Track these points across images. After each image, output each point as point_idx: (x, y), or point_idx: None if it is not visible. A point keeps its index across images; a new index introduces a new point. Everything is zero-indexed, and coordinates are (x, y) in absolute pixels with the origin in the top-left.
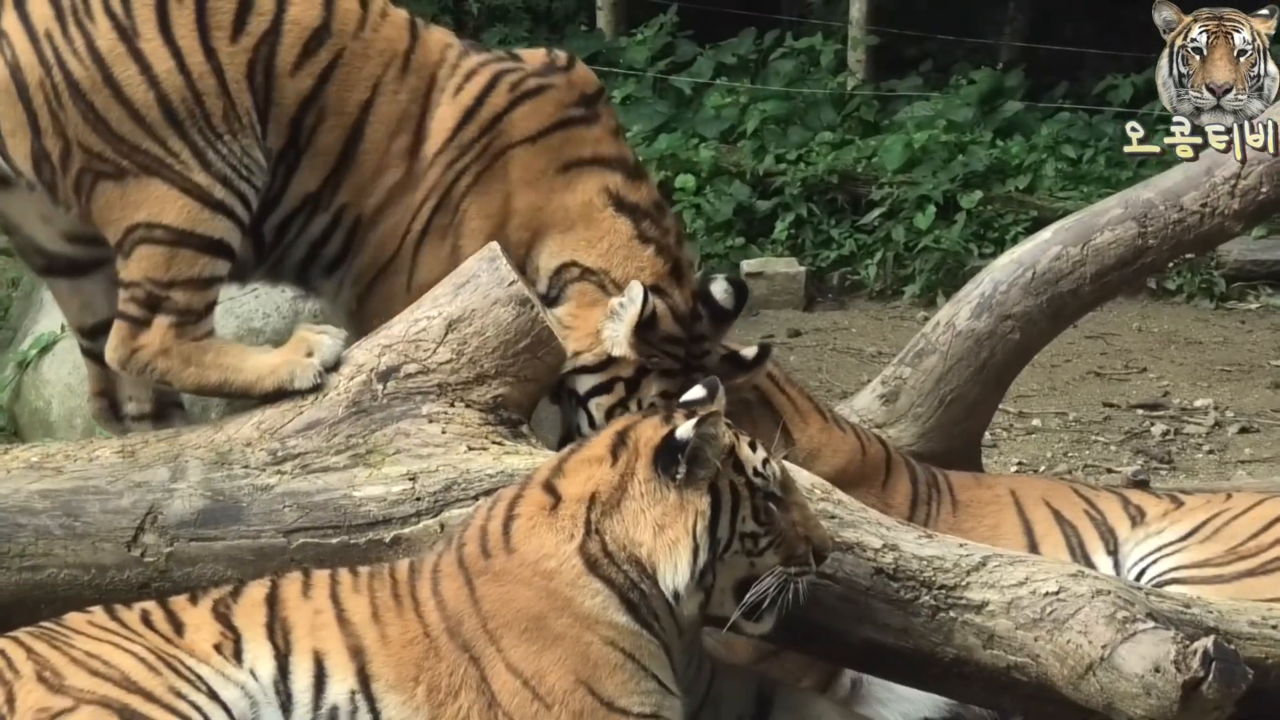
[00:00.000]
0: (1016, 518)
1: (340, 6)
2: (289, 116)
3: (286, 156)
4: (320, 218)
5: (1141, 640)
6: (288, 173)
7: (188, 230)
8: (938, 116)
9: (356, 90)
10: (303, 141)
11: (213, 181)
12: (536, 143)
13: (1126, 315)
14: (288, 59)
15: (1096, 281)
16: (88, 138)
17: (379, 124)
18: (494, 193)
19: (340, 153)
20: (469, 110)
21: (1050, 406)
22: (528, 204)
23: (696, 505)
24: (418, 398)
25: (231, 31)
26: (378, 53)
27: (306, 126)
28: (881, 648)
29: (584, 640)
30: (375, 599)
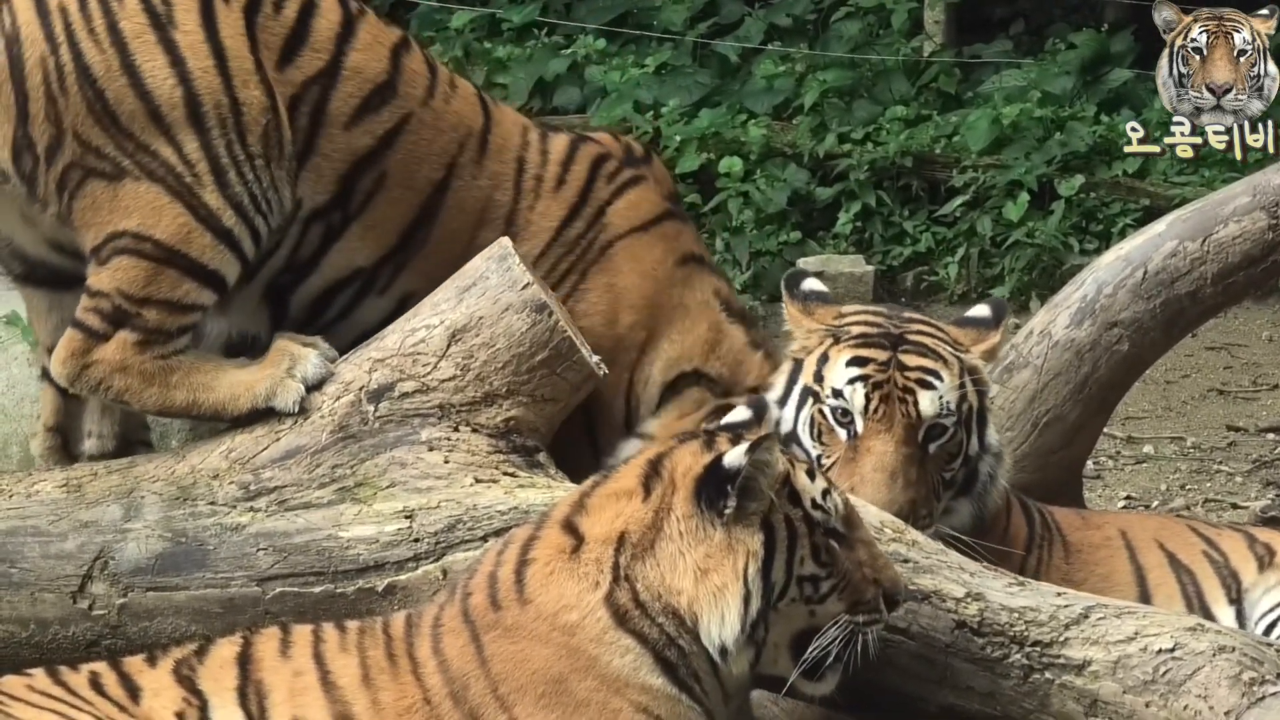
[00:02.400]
0: (1129, 564)
1: (407, 66)
2: (337, 173)
3: (328, 217)
4: (374, 300)
5: (1272, 705)
6: (327, 236)
7: (180, 250)
8: (1031, 87)
9: (427, 165)
10: (354, 206)
11: (224, 206)
12: (649, 231)
13: (1255, 322)
14: (343, 109)
15: (1219, 283)
16: (88, 129)
17: (457, 210)
18: (602, 288)
19: (405, 231)
20: (574, 206)
21: (1165, 430)
22: (643, 297)
23: (748, 545)
24: (415, 421)
25: (279, 56)
26: (450, 127)
27: (360, 190)
28: (964, 715)
29: (612, 707)
30: (366, 659)
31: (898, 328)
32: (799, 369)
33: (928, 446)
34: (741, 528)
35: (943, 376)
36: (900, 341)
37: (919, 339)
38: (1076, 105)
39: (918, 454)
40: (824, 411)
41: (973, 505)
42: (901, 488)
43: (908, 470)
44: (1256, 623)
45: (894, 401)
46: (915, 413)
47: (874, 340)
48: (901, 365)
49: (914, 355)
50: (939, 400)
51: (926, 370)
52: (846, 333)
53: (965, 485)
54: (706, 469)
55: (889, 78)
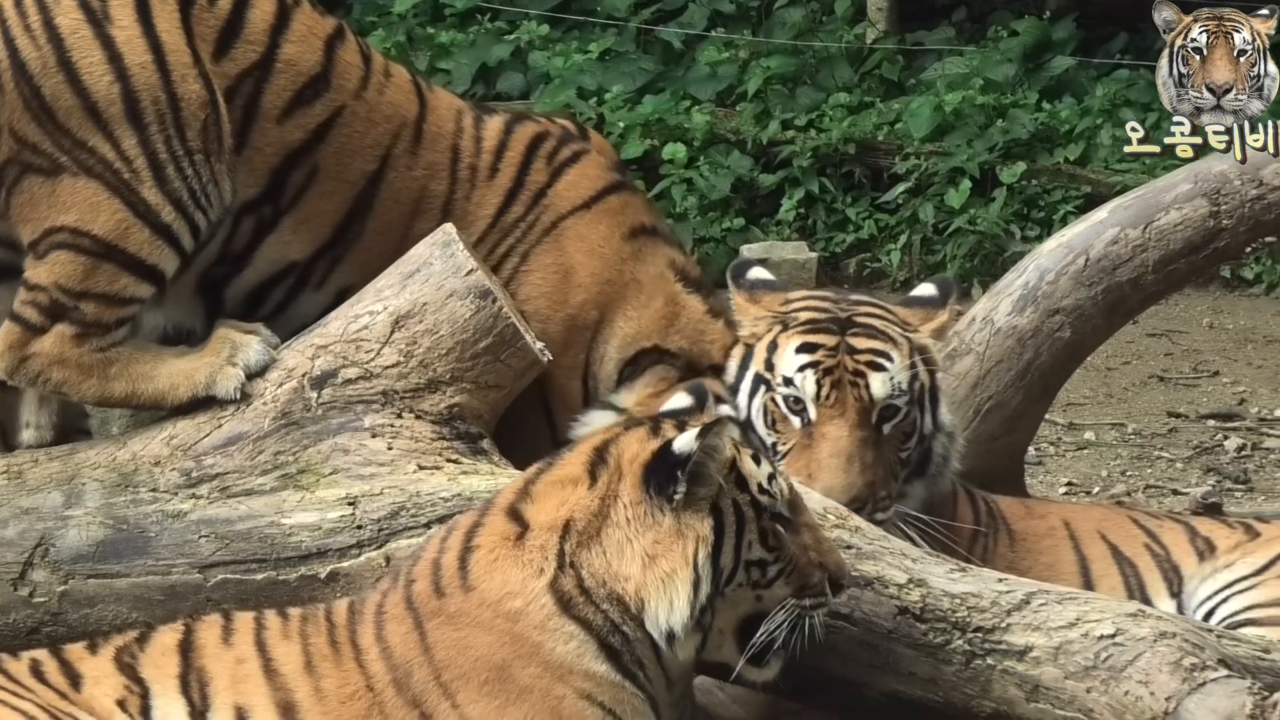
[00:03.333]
0: (1073, 554)
1: (341, 58)
2: (269, 166)
3: (259, 210)
4: (310, 295)
5: (1212, 691)
6: (259, 229)
7: (118, 245)
8: (973, 75)
9: (360, 158)
10: (285, 199)
11: (163, 201)
12: (592, 208)
13: (1196, 309)
14: (276, 102)
15: (1160, 269)
16: (24, 126)
17: (391, 202)
18: (546, 269)
19: (340, 225)
20: (510, 191)
21: (1106, 417)
22: (591, 276)
23: (698, 530)
24: (359, 407)
25: (214, 49)
26: (384, 118)
27: (292, 184)
28: (907, 701)
29: (555, 694)
30: (309, 646)
31: (845, 311)
32: (750, 354)
33: (882, 428)
34: (691, 513)
35: (893, 357)
36: (848, 325)
37: (867, 321)
38: (1018, 92)
39: (872, 437)
40: (776, 399)
41: (926, 487)
42: (858, 472)
43: (864, 454)
44: (1195, 610)
45: (845, 386)
46: (867, 396)
47: (822, 325)
48: (851, 349)
49: (863, 338)
50: (890, 381)
51: (876, 352)
52: (794, 319)
53: (919, 466)
54: (655, 454)
55: (832, 65)
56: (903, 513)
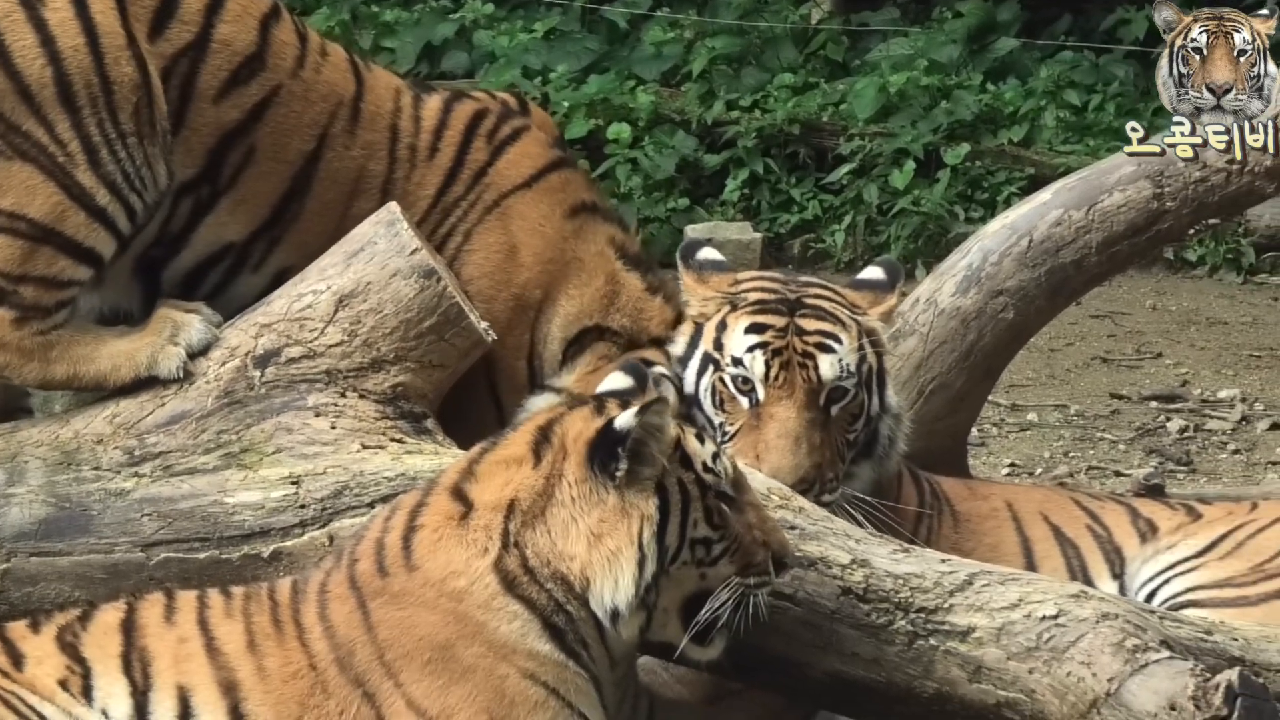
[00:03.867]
0: (1016, 535)
1: (276, 37)
2: (206, 147)
3: (197, 191)
4: (248, 277)
5: (1154, 672)
6: (197, 211)
7: (54, 229)
8: (918, 56)
9: (297, 138)
10: (222, 180)
11: (98, 185)
12: (533, 186)
13: (1139, 291)
14: (212, 82)
15: (1104, 251)
16: None
17: (329, 182)
18: (489, 249)
19: (277, 205)
20: (450, 170)
21: (1048, 398)
22: (534, 255)
23: (642, 509)
24: (302, 386)
25: (149, 30)
26: (320, 97)
27: (230, 164)
28: (849, 682)
29: (498, 673)
30: (251, 625)
31: (794, 292)
32: (699, 333)
33: (830, 410)
34: (635, 492)
35: (841, 339)
36: (797, 306)
37: (816, 303)
38: (963, 74)
39: (821, 418)
40: (725, 379)
41: (873, 468)
42: (806, 453)
43: (811, 435)
44: (1137, 592)
45: (794, 367)
46: (816, 377)
47: (771, 306)
48: (800, 330)
49: (812, 319)
50: (839, 363)
51: (825, 334)
52: (743, 299)
53: (866, 447)
54: (599, 433)
55: (777, 45)
56: (849, 494)
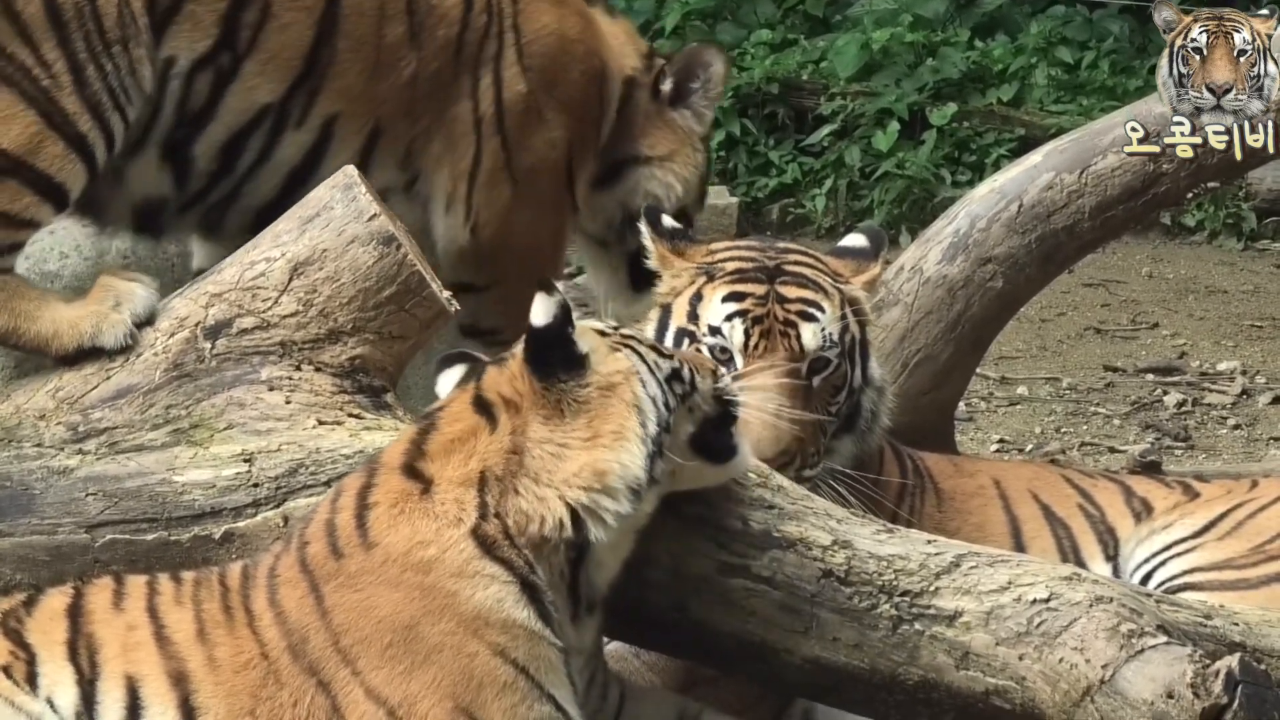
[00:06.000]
0: (1003, 514)
1: None
2: (217, 14)
3: (215, 62)
4: (293, 135)
5: (1151, 659)
6: (219, 81)
7: (27, 161)
8: (902, 11)
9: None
10: (241, 44)
11: (81, 109)
12: None
13: (1134, 258)
14: None
15: (1097, 216)
16: None
17: (355, 15)
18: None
19: (308, 54)
20: None
21: (1040, 371)
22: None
23: (620, 366)
24: (255, 359)
25: None
26: None
27: (246, 25)
28: (831, 668)
29: (467, 651)
30: (201, 612)
31: (773, 260)
32: (669, 313)
33: (812, 380)
34: (602, 370)
35: (824, 308)
36: (777, 274)
37: (796, 270)
38: (949, 30)
39: (803, 389)
40: (702, 351)
41: (855, 443)
42: (788, 424)
43: (794, 407)
44: (1132, 574)
45: (775, 336)
46: (798, 346)
47: (749, 275)
48: (781, 298)
49: (793, 287)
50: (821, 332)
51: (807, 302)
52: (720, 269)
53: (848, 421)
54: (530, 347)
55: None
56: (831, 469)
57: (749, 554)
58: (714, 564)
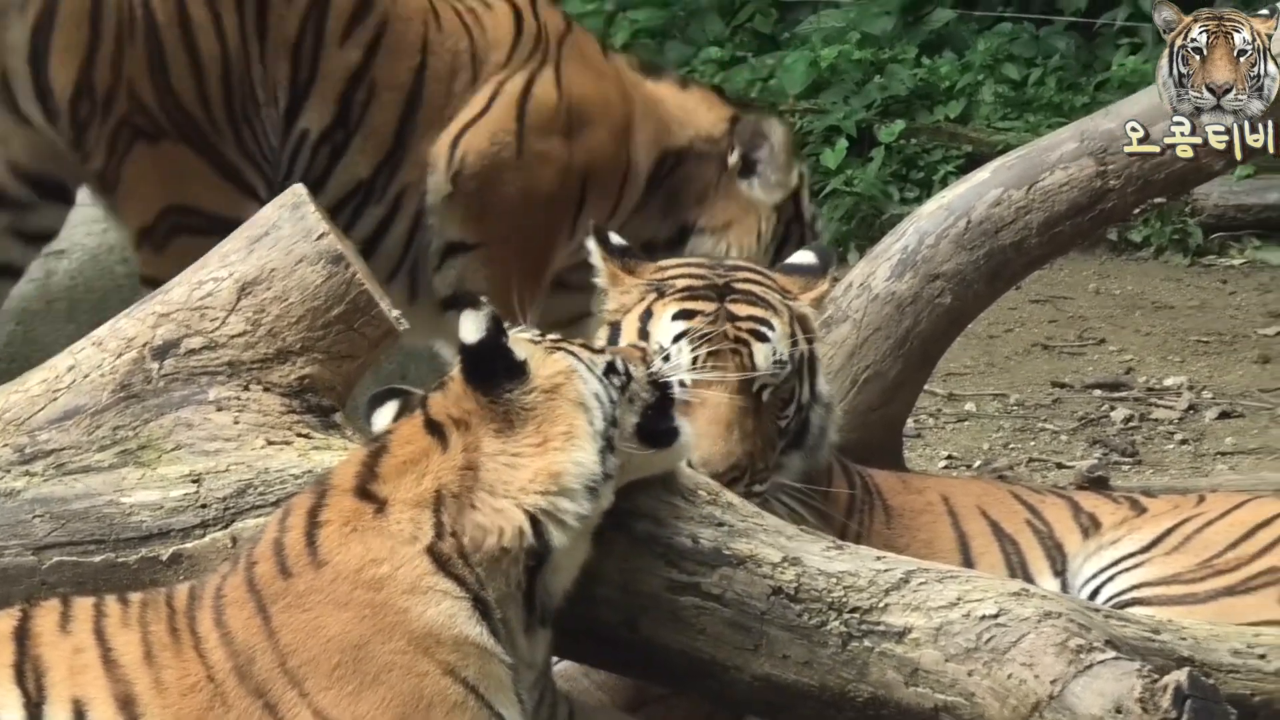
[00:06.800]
0: (952, 531)
1: None
2: (336, 92)
3: (333, 137)
4: (372, 210)
5: (1100, 674)
6: (334, 155)
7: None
8: (850, 28)
9: (405, 58)
10: (352, 121)
11: (244, 162)
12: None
13: (1081, 274)
14: (336, 28)
15: (1045, 232)
16: (143, 85)
17: (436, 86)
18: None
19: (397, 132)
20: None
21: (987, 387)
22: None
23: (559, 366)
24: (203, 379)
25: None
26: (413, 12)
27: (357, 104)
28: (781, 685)
29: (418, 670)
30: (149, 634)
31: (722, 277)
32: (617, 331)
33: (761, 396)
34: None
35: (774, 325)
36: (727, 291)
37: (746, 288)
38: (897, 47)
39: (753, 405)
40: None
41: (803, 459)
42: (738, 440)
43: (744, 422)
44: (1080, 589)
45: (726, 354)
46: (750, 363)
47: (699, 292)
48: (731, 316)
49: (743, 304)
50: (772, 350)
51: (757, 320)
52: (670, 285)
53: (796, 438)
54: (466, 363)
55: (702, 17)
56: (780, 484)
57: (699, 571)
58: (664, 581)
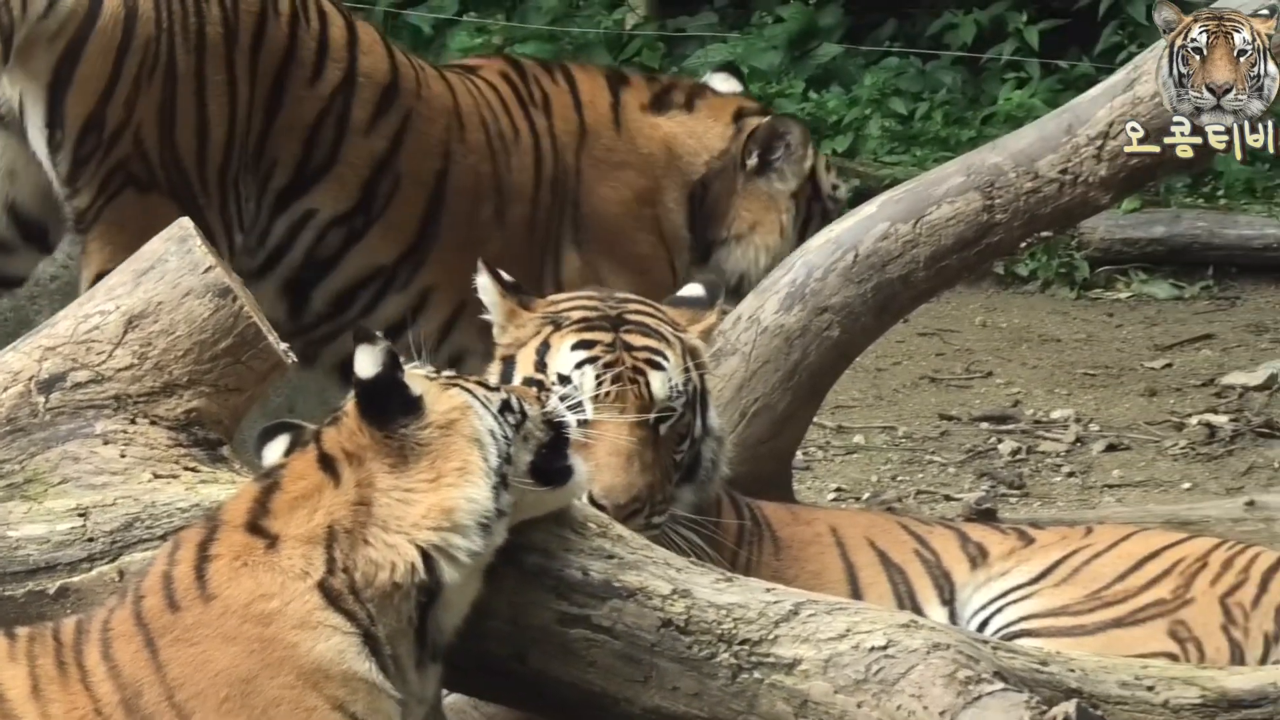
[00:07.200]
0: (840, 561)
1: (400, 62)
2: (360, 179)
3: (350, 222)
4: (395, 297)
5: (988, 705)
6: (349, 238)
7: None
8: (737, 62)
9: (429, 158)
10: (375, 209)
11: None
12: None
13: (968, 308)
14: (362, 115)
15: (932, 266)
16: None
17: (457, 194)
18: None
19: (420, 227)
20: (535, 146)
21: (875, 420)
22: (639, 172)
23: (454, 402)
24: (89, 413)
25: (311, 73)
26: (437, 113)
27: (381, 193)
28: (671, 717)
29: (306, 705)
30: (36, 669)
31: (614, 309)
32: (512, 364)
33: (659, 428)
34: (439, 408)
35: (668, 356)
36: (620, 322)
37: (638, 319)
38: (784, 81)
39: (651, 436)
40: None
41: (695, 492)
42: (639, 471)
43: (644, 453)
44: (969, 620)
45: (625, 383)
46: (648, 394)
47: (595, 323)
48: (628, 346)
49: (638, 335)
50: (669, 381)
51: (653, 350)
52: (566, 317)
53: (688, 471)
54: (361, 398)
55: (590, 51)
56: (675, 515)
57: (589, 604)
58: (554, 614)
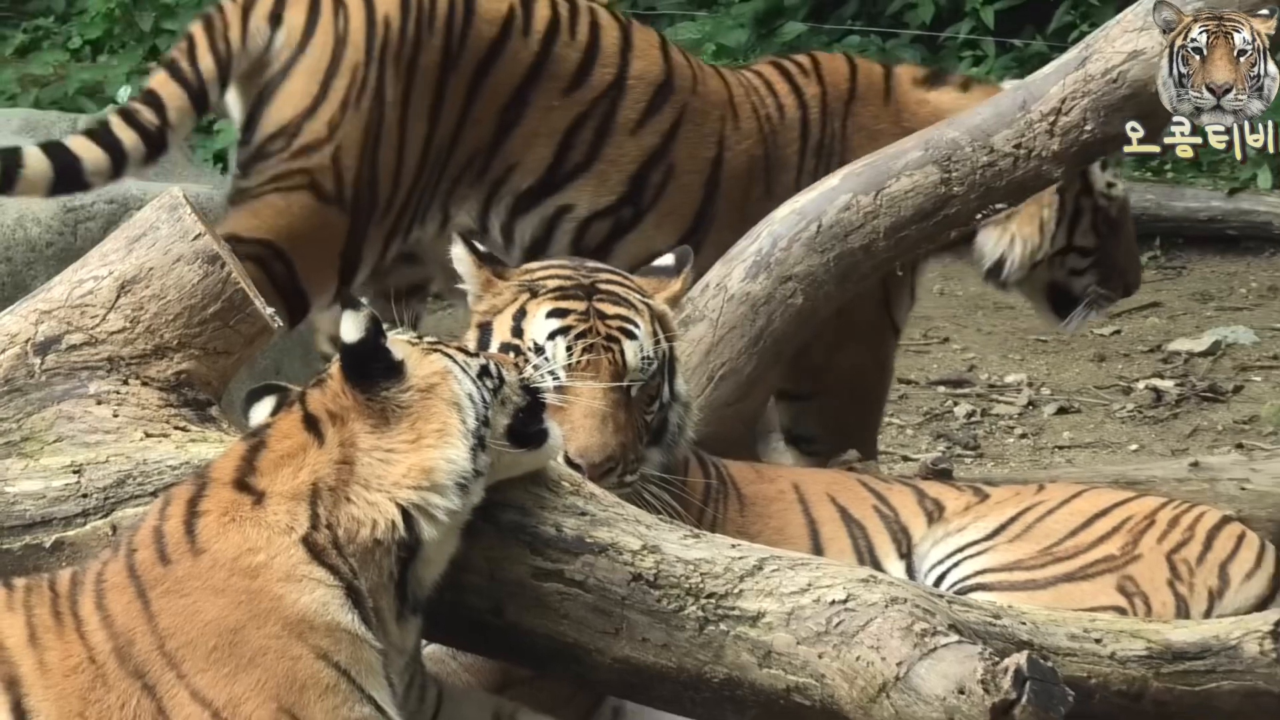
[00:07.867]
0: (802, 517)
1: (676, 61)
2: (625, 175)
3: (615, 214)
4: None
5: (943, 656)
6: (616, 230)
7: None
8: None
9: (704, 148)
10: (645, 200)
11: (376, 237)
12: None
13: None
14: (630, 115)
15: (891, 236)
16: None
17: (732, 180)
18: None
19: (697, 213)
20: (803, 121)
21: None
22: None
23: (435, 367)
24: (84, 374)
25: (569, 83)
26: (713, 105)
27: (651, 185)
28: (640, 668)
29: (291, 654)
30: (32, 618)
31: (587, 278)
32: (488, 332)
33: (630, 392)
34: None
35: (639, 325)
36: (593, 291)
37: (610, 288)
38: (751, 59)
39: (624, 399)
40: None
41: (662, 454)
42: (613, 432)
43: (617, 415)
44: (926, 574)
45: (599, 350)
46: (621, 360)
47: (569, 292)
48: (601, 314)
49: (609, 304)
50: (640, 348)
51: (624, 319)
52: (542, 285)
53: (656, 434)
54: (346, 360)
55: None
56: (648, 474)
57: (562, 559)
58: (529, 569)
